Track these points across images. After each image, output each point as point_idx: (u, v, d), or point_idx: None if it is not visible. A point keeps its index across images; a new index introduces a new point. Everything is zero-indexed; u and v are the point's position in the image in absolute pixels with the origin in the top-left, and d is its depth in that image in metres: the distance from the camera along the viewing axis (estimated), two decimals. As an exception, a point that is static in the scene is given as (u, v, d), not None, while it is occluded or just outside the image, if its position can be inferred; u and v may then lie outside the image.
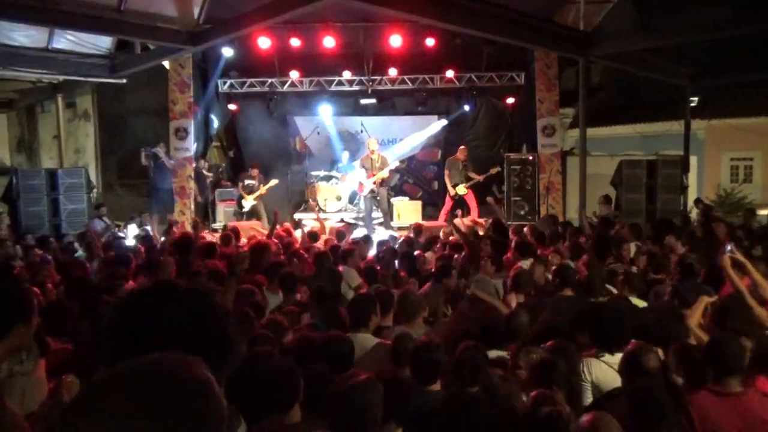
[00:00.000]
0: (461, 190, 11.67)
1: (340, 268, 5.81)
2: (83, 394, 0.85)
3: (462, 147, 11.98)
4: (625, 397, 2.49)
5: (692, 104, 13.37)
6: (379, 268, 6.13)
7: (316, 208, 12.05)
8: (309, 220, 11.87)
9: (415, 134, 13.97)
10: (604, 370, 3.13)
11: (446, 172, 11.96)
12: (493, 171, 11.93)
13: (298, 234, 9.52)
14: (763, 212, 11.92)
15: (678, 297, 3.89)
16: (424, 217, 12.44)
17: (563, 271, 4.54)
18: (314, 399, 2.66)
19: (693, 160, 14.01)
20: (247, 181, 11.83)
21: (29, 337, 2.24)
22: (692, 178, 13.35)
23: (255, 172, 11.91)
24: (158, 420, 0.80)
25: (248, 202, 11.68)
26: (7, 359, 2.44)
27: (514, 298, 4.57)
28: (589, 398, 3.10)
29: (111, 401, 0.81)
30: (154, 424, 0.80)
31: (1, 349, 2.12)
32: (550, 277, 5.14)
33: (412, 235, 8.43)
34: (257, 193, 11.64)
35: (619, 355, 3.16)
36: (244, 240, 8.54)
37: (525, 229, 8.04)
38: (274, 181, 11.90)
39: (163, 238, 8.75)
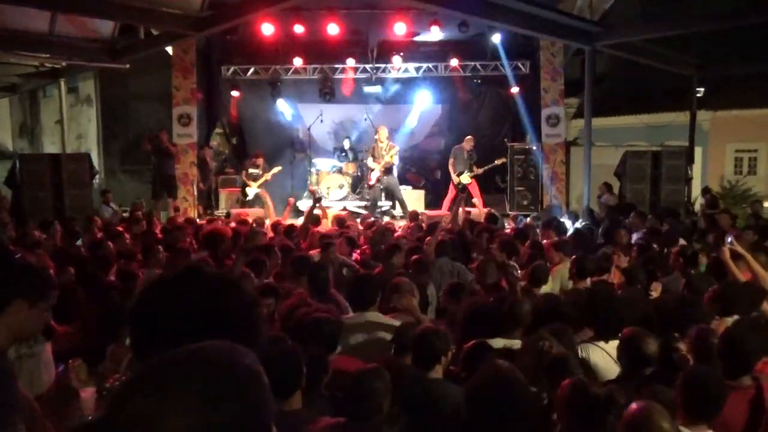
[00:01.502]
0: (465, 179, 11.63)
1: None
2: (137, 377, 0.83)
3: (469, 137, 11.90)
4: (682, 383, 2.50)
5: (698, 95, 13.29)
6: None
7: (315, 194, 11.89)
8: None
9: (411, 119, 13.90)
10: (600, 355, 3.20)
11: (450, 160, 11.91)
12: (498, 162, 11.87)
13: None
14: (767, 204, 11.90)
15: (690, 288, 3.90)
16: (427, 205, 12.42)
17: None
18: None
19: (697, 151, 13.95)
20: (251, 170, 11.78)
21: (37, 320, 2.20)
22: (696, 170, 13.31)
23: (260, 160, 11.87)
24: (219, 407, 0.79)
25: (252, 190, 11.65)
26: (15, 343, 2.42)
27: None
28: None
29: (170, 385, 0.79)
30: (214, 410, 0.78)
31: (2, 324, 2.06)
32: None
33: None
34: (261, 180, 11.60)
35: (613, 343, 3.19)
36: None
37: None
38: (277, 168, 11.84)
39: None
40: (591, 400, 2.25)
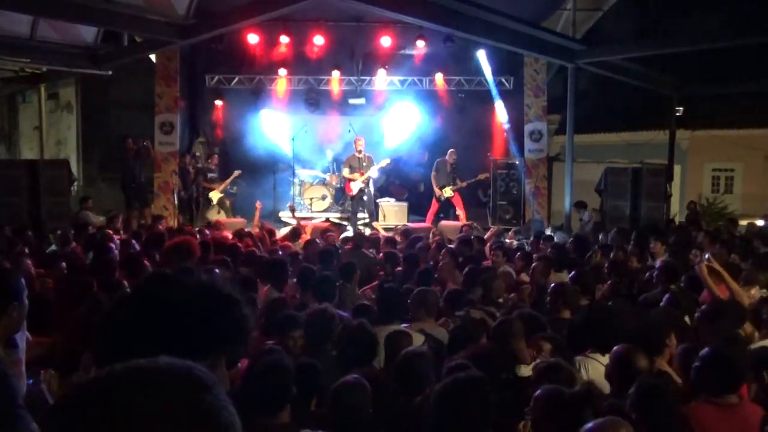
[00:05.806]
0: (447, 192, 11.67)
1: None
2: (92, 387, 0.76)
3: (451, 150, 11.98)
4: (634, 394, 2.48)
5: (677, 114, 13.55)
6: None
7: (291, 207, 11.64)
8: (293, 220, 11.72)
9: (395, 133, 13.89)
10: (597, 369, 3.20)
11: (433, 173, 11.94)
12: (482, 177, 11.95)
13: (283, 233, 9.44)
14: (743, 222, 12.10)
15: (676, 304, 3.93)
16: (410, 218, 12.42)
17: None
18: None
19: (676, 169, 14.18)
20: (210, 174, 11.64)
21: (23, 320, 2.27)
22: (675, 187, 13.51)
23: (214, 163, 11.70)
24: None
25: (216, 194, 11.48)
26: None
27: None
28: None
29: (129, 400, 0.73)
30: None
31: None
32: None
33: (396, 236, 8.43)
34: (224, 185, 11.45)
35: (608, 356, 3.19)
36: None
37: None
38: (237, 172, 11.70)
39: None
40: (569, 402, 2.26)
